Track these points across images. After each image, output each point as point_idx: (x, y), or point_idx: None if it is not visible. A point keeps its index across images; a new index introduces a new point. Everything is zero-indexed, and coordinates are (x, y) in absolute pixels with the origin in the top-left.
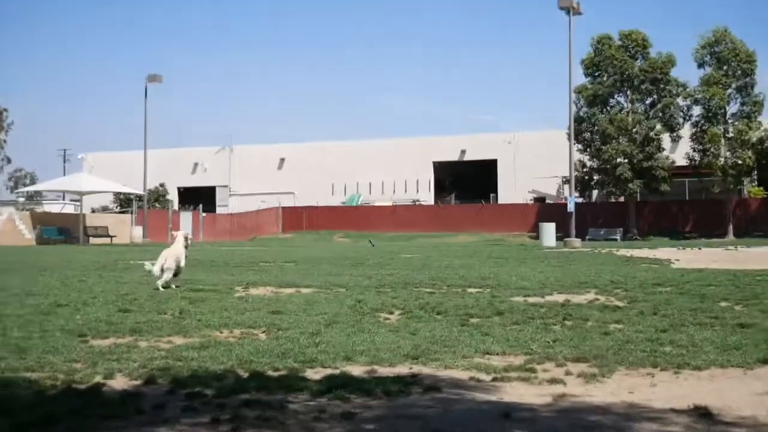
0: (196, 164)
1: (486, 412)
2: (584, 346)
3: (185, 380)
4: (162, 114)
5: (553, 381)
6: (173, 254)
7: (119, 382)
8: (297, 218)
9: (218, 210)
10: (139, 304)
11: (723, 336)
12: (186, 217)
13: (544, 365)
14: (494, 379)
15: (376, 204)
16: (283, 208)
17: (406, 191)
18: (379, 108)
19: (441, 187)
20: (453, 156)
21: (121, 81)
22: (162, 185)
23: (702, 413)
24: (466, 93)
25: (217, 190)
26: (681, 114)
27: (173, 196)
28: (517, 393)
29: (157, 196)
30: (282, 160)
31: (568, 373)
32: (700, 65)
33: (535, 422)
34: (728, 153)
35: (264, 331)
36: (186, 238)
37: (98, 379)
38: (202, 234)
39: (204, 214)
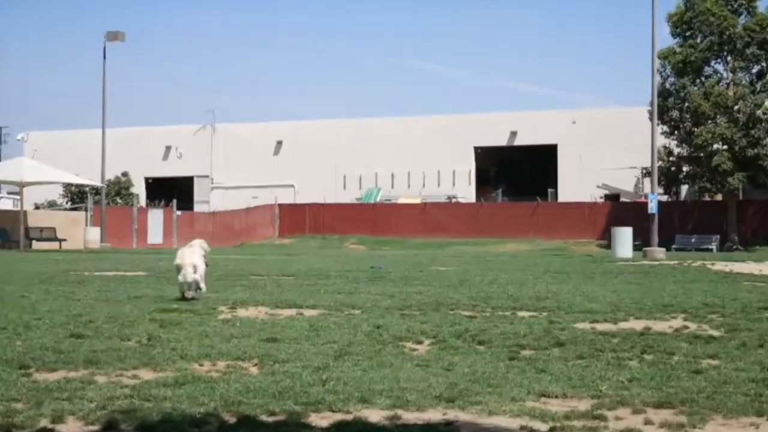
0: (168, 148)
1: None
2: (668, 387)
3: (155, 426)
4: (125, 83)
5: None
6: (194, 254)
7: (71, 428)
8: (298, 219)
9: (197, 207)
10: (95, 328)
11: None
12: (156, 217)
13: (616, 411)
14: (553, 429)
15: (401, 201)
16: (281, 205)
17: (439, 185)
18: (404, 77)
19: (484, 180)
20: (500, 140)
21: (72, 40)
22: (125, 175)
23: None
24: (516, 58)
25: (196, 181)
26: None
27: (139, 189)
28: None
29: (119, 189)
30: (279, 143)
31: (647, 423)
32: None
33: None
34: None
35: (256, 364)
36: (204, 250)
37: (44, 423)
38: (176, 238)
39: (179, 213)
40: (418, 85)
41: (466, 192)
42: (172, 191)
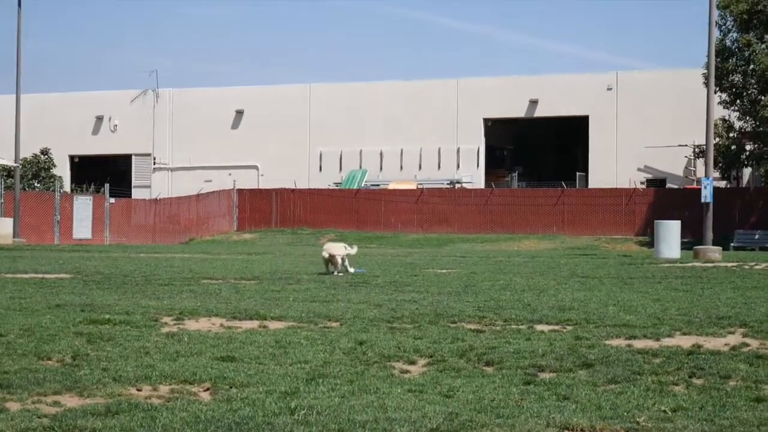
0: (99, 119)
1: None
2: (722, 419)
3: None
4: (46, 38)
5: None
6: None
7: None
8: (262, 208)
9: (135, 192)
10: (6, 343)
11: None
12: (83, 205)
13: None
14: None
15: (392, 187)
16: (241, 191)
17: (439, 167)
18: (396, 31)
19: (496, 161)
20: (516, 110)
21: None
22: (45, 153)
23: None
24: (538, 9)
25: (134, 160)
26: None
27: (63, 171)
28: None
29: (37, 171)
30: (239, 113)
31: None
32: None
33: None
34: None
35: (208, 389)
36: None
37: None
38: (109, 232)
39: (112, 200)
40: (414, 42)
41: (474, 176)
42: (104, 173)
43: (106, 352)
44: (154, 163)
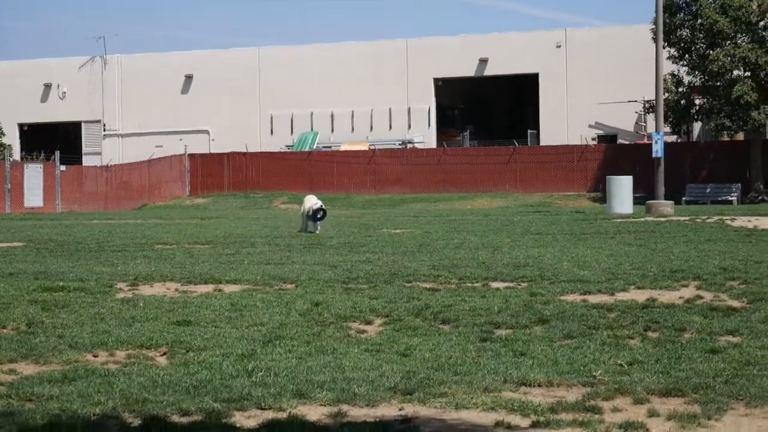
0: (48, 87)
1: None
2: (678, 371)
3: (40, 431)
4: None
5: (628, 427)
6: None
7: None
8: (214, 173)
9: (86, 160)
10: None
11: None
12: (34, 173)
13: (613, 402)
14: (535, 425)
15: (343, 148)
16: (192, 156)
17: (391, 128)
18: None
19: (447, 121)
20: (467, 69)
21: None
22: None
23: None
24: None
25: (84, 127)
26: None
27: (12, 139)
28: None
29: None
30: (188, 78)
31: (652, 414)
32: None
33: None
34: None
35: (164, 353)
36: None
37: None
38: (61, 199)
39: (63, 167)
40: (364, 3)
41: (426, 136)
42: (54, 141)
43: (61, 319)
44: (104, 130)
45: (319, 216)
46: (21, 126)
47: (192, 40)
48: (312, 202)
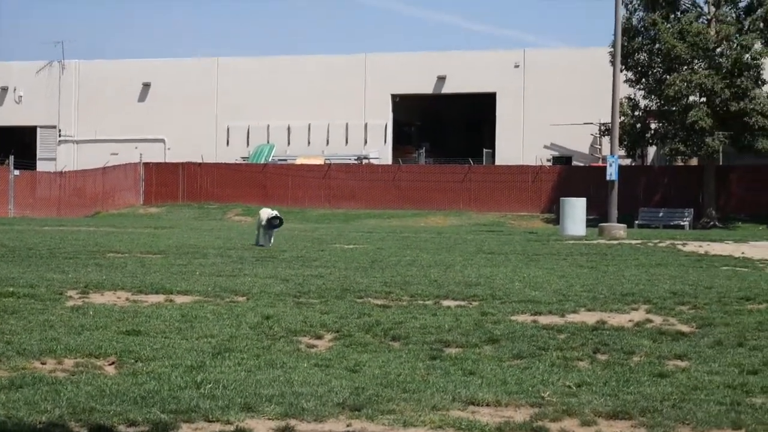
0: (4, 90)
1: None
2: (626, 394)
3: None
4: None
5: None
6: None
7: None
8: (169, 182)
9: (40, 165)
10: None
11: None
12: None
13: (561, 423)
14: None
15: (299, 162)
16: (147, 164)
17: (347, 143)
18: (302, 5)
19: (404, 137)
20: (424, 86)
21: None
22: None
23: None
24: None
25: (40, 132)
26: None
27: None
28: None
29: None
30: (146, 86)
31: None
32: None
33: None
34: None
35: (113, 363)
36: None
37: None
38: (13, 205)
39: (17, 172)
40: (324, 17)
41: (381, 151)
42: (8, 145)
43: (9, 325)
44: (60, 136)
45: (275, 223)
46: None
47: (151, 48)
48: (267, 212)
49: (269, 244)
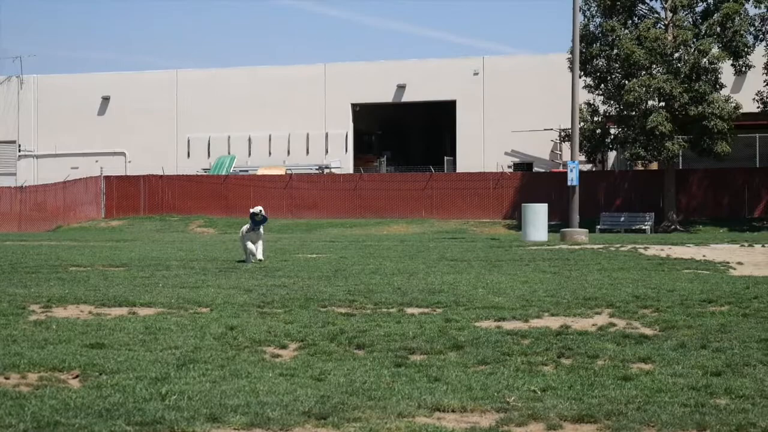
0: None
1: None
2: (591, 397)
3: None
4: None
5: None
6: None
7: None
8: (130, 195)
9: (0, 180)
10: None
11: None
12: None
13: (527, 428)
14: None
15: (260, 172)
16: (108, 178)
17: (308, 152)
18: (262, 16)
19: (365, 146)
20: (385, 95)
21: None
22: None
23: None
24: None
25: None
26: (751, 30)
27: None
28: None
29: None
30: (105, 99)
31: None
32: None
33: None
34: None
35: (77, 376)
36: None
37: None
38: None
39: None
40: (280, 27)
41: (343, 161)
42: None
43: None
44: (19, 150)
45: (258, 219)
46: None
47: (110, 61)
48: (246, 227)
49: (258, 254)
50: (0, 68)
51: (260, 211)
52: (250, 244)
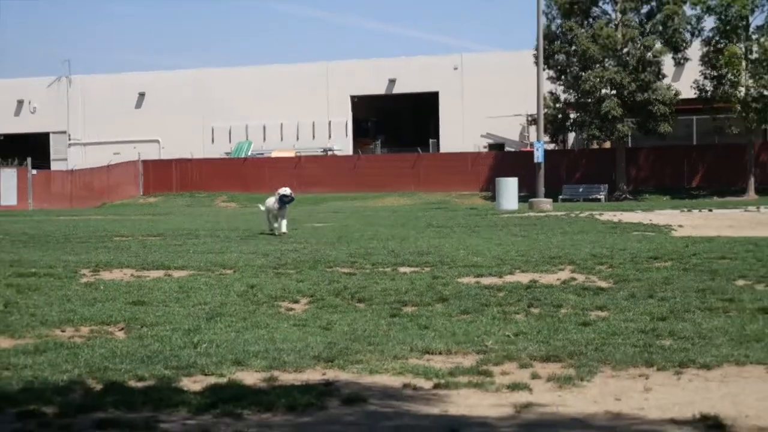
0: (20, 102)
1: (426, 430)
2: (556, 340)
3: (15, 395)
4: None
5: (514, 387)
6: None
7: None
8: (164, 176)
9: (54, 165)
10: None
11: (740, 324)
12: (9, 177)
13: (502, 366)
14: (436, 386)
15: (274, 155)
16: (145, 162)
17: (314, 137)
18: (272, 22)
19: (362, 131)
20: (378, 88)
21: None
22: None
23: (711, 424)
24: (394, 2)
25: (52, 137)
26: (689, 27)
27: None
28: (467, 403)
29: None
30: (141, 95)
31: (534, 377)
32: None
33: None
34: (751, 81)
35: (122, 329)
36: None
37: None
38: (32, 199)
39: (34, 172)
40: (287, 32)
41: (343, 144)
42: (26, 149)
43: (33, 300)
44: (69, 140)
45: (286, 200)
46: None
47: (147, 59)
48: (272, 200)
49: (282, 228)
50: (52, 70)
51: (290, 193)
52: (280, 220)
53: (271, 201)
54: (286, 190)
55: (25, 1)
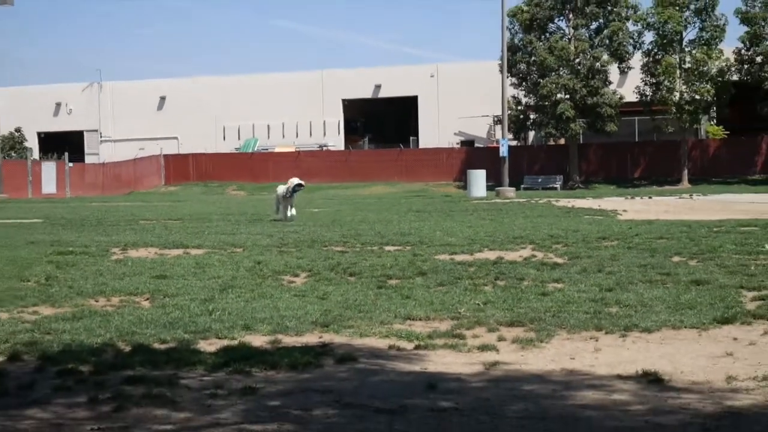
0: (58, 105)
1: (408, 384)
2: (519, 308)
3: (56, 356)
4: (14, 44)
5: (484, 348)
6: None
7: None
8: (182, 168)
9: (88, 159)
10: None
11: (675, 294)
12: (49, 168)
13: (473, 330)
14: (417, 347)
15: (277, 150)
16: (166, 156)
17: (311, 135)
18: (274, 36)
19: (352, 130)
20: (365, 92)
21: None
22: (18, 130)
23: (651, 379)
24: (379, 19)
25: (86, 135)
26: (631, 41)
27: (33, 144)
28: (443, 362)
29: (13, 144)
30: (162, 99)
31: (501, 339)
32: None
33: (464, 393)
34: (684, 87)
35: (147, 299)
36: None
37: None
38: (69, 188)
39: (71, 164)
40: (286, 43)
41: (336, 141)
42: (63, 145)
43: (70, 274)
44: (101, 137)
45: (299, 189)
46: (39, 134)
47: (166, 67)
48: (282, 188)
49: (290, 215)
50: (86, 77)
51: (303, 183)
52: (289, 208)
53: (282, 189)
54: (298, 180)
55: (65, 20)
